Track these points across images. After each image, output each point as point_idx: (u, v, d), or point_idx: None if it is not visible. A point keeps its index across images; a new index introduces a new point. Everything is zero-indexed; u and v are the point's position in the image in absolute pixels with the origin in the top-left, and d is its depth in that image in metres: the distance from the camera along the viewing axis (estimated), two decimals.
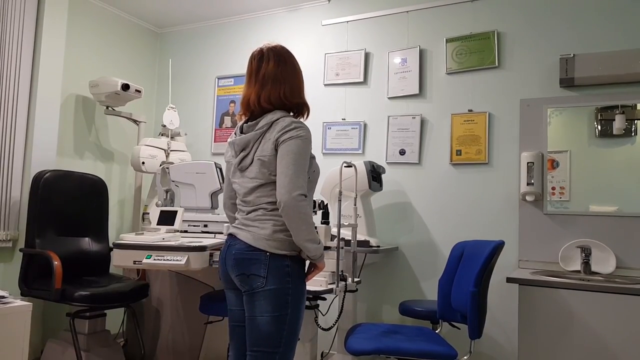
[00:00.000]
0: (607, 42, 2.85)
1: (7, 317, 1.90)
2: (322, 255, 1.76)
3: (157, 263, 2.67)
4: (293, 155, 1.67)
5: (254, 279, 1.69)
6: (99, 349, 3.03)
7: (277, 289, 1.68)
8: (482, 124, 3.12)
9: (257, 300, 1.69)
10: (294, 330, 1.72)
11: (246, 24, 4.07)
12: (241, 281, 1.73)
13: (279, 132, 1.69)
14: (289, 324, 1.70)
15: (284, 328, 1.69)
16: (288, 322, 1.69)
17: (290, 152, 1.67)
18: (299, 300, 1.73)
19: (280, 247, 1.71)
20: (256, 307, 1.69)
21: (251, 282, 1.70)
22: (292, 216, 1.65)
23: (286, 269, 1.70)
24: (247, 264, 1.71)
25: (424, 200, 3.25)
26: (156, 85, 4.45)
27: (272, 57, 1.78)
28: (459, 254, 2.54)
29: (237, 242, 1.75)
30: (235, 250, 1.74)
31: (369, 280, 3.36)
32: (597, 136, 2.80)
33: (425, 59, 3.34)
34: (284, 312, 1.68)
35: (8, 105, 3.18)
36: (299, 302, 1.73)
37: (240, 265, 1.72)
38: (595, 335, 2.19)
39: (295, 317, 1.71)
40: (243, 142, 1.77)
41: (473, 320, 2.11)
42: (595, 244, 2.72)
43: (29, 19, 3.30)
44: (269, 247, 1.70)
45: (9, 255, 3.21)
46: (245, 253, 1.71)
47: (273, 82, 1.75)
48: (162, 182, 3.41)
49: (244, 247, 1.72)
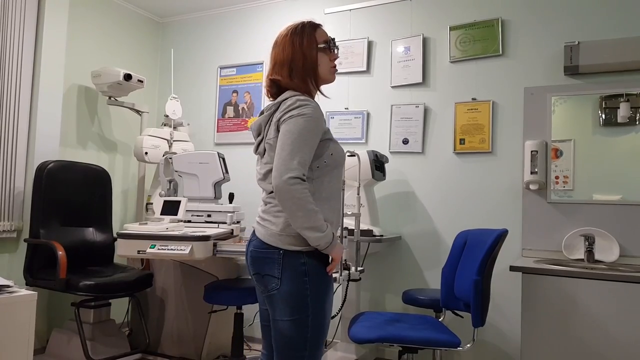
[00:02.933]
0: (612, 30, 2.82)
1: (13, 307, 1.91)
2: (333, 245, 1.57)
3: (161, 253, 2.68)
4: (290, 135, 1.53)
5: (268, 279, 1.58)
6: (104, 338, 3.06)
7: (293, 290, 1.54)
8: (485, 112, 3.10)
9: (275, 303, 1.57)
10: (320, 332, 1.57)
11: (248, 13, 4.05)
12: (257, 282, 1.63)
13: (281, 112, 1.58)
14: (312, 327, 1.55)
15: (307, 331, 1.54)
16: (311, 325, 1.55)
17: (288, 132, 1.54)
18: (321, 300, 1.57)
19: (295, 242, 1.55)
20: (275, 310, 1.57)
21: (266, 283, 1.59)
22: (284, 202, 1.50)
23: (302, 268, 1.55)
24: (261, 263, 1.59)
25: (427, 190, 3.25)
26: (158, 75, 4.44)
27: (278, 41, 1.73)
28: (462, 243, 2.54)
29: (254, 239, 1.65)
30: (252, 248, 1.64)
31: (372, 270, 3.36)
32: (602, 124, 2.79)
33: (428, 48, 3.32)
34: (303, 315, 1.54)
35: (11, 96, 3.18)
36: (321, 302, 1.57)
37: (256, 264, 1.61)
38: (599, 324, 2.19)
39: (319, 318, 1.57)
40: (256, 126, 1.71)
41: (476, 309, 2.12)
42: (598, 233, 2.71)
43: (31, 9, 3.28)
44: (282, 243, 1.56)
45: (14, 245, 3.23)
46: (260, 251, 1.60)
47: (279, 65, 1.69)
48: (165, 172, 3.41)
49: (259, 245, 1.61)
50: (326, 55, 1.71)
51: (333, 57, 1.73)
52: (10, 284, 1.99)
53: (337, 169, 1.67)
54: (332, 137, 1.66)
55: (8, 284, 1.99)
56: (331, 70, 1.72)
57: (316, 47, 1.68)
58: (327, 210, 1.63)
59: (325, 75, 1.71)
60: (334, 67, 1.73)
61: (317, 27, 1.71)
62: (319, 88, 1.73)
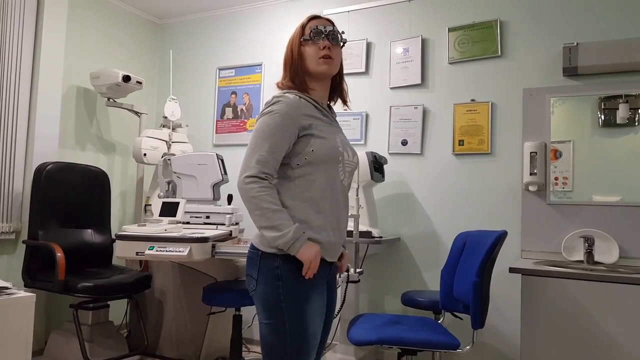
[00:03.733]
0: (611, 31, 2.82)
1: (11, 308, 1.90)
2: (296, 246, 1.46)
3: (160, 254, 2.68)
4: (254, 133, 1.52)
5: (249, 280, 1.56)
6: (103, 339, 3.05)
7: (267, 293, 1.50)
8: (484, 113, 3.10)
9: (255, 304, 1.54)
10: (302, 341, 1.48)
11: (247, 14, 4.05)
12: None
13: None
14: (292, 335, 1.47)
15: (286, 337, 1.47)
16: (290, 333, 1.47)
17: (254, 131, 1.53)
18: (298, 306, 1.49)
19: (269, 244, 1.50)
20: (257, 312, 1.55)
21: (248, 284, 1.57)
22: (244, 201, 1.49)
23: (276, 271, 1.49)
24: (247, 263, 1.58)
25: (426, 191, 3.25)
26: (157, 77, 4.44)
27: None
28: (462, 244, 2.53)
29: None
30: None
31: (371, 271, 3.36)
32: (601, 125, 2.79)
33: (427, 49, 3.32)
34: (279, 319, 1.48)
35: (9, 97, 3.17)
36: (297, 308, 1.49)
37: (246, 264, 1.59)
38: (598, 325, 2.19)
39: (298, 326, 1.48)
40: None
41: (475, 311, 2.11)
42: (598, 234, 2.71)
43: (30, 10, 3.28)
44: (260, 244, 1.53)
45: (12, 246, 3.22)
46: (249, 251, 1.58)
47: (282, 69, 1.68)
48: (163, 173, 3.41)
49: (250, 245, 1.59)
50: (312, 46, 1.59)
51: (322, 46, 1.58)
52: (8, 286, 1.99)
53: (323, 165, 1.55)
54: (318, 133, 1.55)
55: (6, 286, 1.98)
56: (318, 62, 1.58)
57: (300, 41, 1.61)
58: (310, 212, 1.53)
59: (313, 68, 1.59)
60: (321, 57, 1.58)
61: (309, 20, 1.63)
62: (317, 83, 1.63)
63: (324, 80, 1.65)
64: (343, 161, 1.60)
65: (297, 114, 1.53)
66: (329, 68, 1.60)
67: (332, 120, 1.68)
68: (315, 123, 1.56)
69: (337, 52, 1.62)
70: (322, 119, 1.61)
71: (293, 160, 1.54)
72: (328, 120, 1.64)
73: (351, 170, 1.67)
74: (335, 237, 1.59)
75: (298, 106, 1.54)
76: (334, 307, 1.72)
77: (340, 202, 1.61)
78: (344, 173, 1.62)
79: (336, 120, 1.72)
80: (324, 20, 1.64)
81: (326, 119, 1.63)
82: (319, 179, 1.54)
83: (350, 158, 1.64)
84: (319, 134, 1.55)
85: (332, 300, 1.71)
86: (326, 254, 1.57)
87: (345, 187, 1.65)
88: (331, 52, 1.60)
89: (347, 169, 1.64)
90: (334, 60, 1.61)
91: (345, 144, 1.64)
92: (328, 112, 1.67)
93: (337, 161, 1.57)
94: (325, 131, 1.57)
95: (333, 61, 1.60)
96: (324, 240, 1.54)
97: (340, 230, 1.62)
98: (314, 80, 1.63)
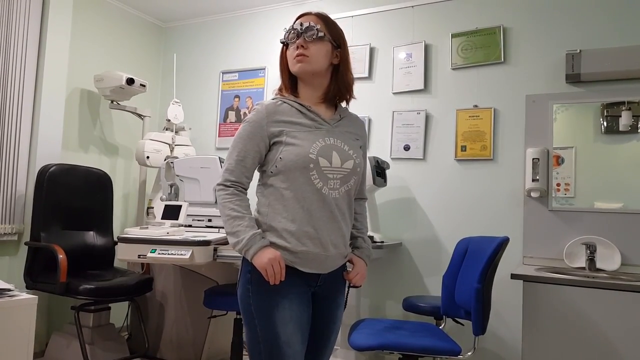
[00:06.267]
0: (614, 38, 2.82)
1: (13, 310, 1.90)
2: (250, 252, 1.45)
3: (162, 257, 2.68)
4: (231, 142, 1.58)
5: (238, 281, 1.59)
6: (104, 342, 3.05)
7: (241, 296, 1.53)
8: (487, 119, 3.11)
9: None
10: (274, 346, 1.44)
11: (251, 18, 4.06)
12: None
13: None
14: (264, 341, 1.46)
15: (259, 343, 1.46)
16: (262, 339, 1.46)
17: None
18: (266, 314, 1.46)
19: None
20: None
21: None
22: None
23: (247, 276, 1.51)
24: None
25: (428, 196, 3.25)
26: (161, 80, 4.45)
27: None
28: (463, 250, 2.53)
29: None
30: None
31: (372, 276, 3.36)
32: (603, 132, 2.79)
33: (430, 54, 3.33)
34: (251, 324, 1.49)
35: (13, 99, 3.19)
36: (266, 316, 1.46)
37: None
38: (600, 333, 2.18)
39: (268, 334, 1.45)
40: None
41: (477, 317, 2.11)
42: (600, 241, 2.70)
43: (35, 13, 3.30)
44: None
45: (14, 248, 3.23)
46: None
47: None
48: (166, 176, 3.41)
49: None
50: (291, 47, 1.57)
51: (297, 45, 1.54)
52: (10, 288, 1.99)
53: (292, 174, 1.48)
54: (288, 140, 1.49)
55: (8, 288, 1.99)
56: (293, 62, 1.55)
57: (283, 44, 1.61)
58: (281, 220, 1.49)
59: (292, 69, 1.57)
60: (295, 57, 1.54)
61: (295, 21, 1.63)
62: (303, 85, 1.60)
63: (309, 81, 1.59)
64: (318, 168, 1.48)
65: (267, 121, 1.52)
66: (303, 66, 1.54)
67: (321, 124, 1.56)
68: (287, 129, 1.51)
69: (316, 48, 1.54)
70: (303, 123, 1.53)
71: (268, 167, 1.54)
72: (313, 123, 1.55)
73: (343, 177, 1.53)
74: (316, 248, 1.49)
75: (271, 113, 1.53)
76: (332, 319, 1.62)
77: (319, 212, 1.49)
78: (325, 180, 1.49)
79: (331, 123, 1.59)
80: (309, 17, 1.61)
81: (311, 122, 1.54)
82: (290, 187, 1.49)
83: (337, 164, 1.52)
84: (289, 140, 1.49)
85: (330, 313, 1.62)
86: (301, 264, 1.50)
87: (332, 195, 1.51)
88: (308, 49, 1.54)
89: (335, 176, 1.51)
90: (311, 57, 1.53)
91: (330, 148, 1.52)
92: (315, 115, 1.56)
93: (307, 169, 1.48)
94: (299, 137, 1.50)
95: (308, 58, 1.53)
96: (296, 249, 1.48)
97: (322, 241, 1.50)
98: (301, 81, 1.61)
